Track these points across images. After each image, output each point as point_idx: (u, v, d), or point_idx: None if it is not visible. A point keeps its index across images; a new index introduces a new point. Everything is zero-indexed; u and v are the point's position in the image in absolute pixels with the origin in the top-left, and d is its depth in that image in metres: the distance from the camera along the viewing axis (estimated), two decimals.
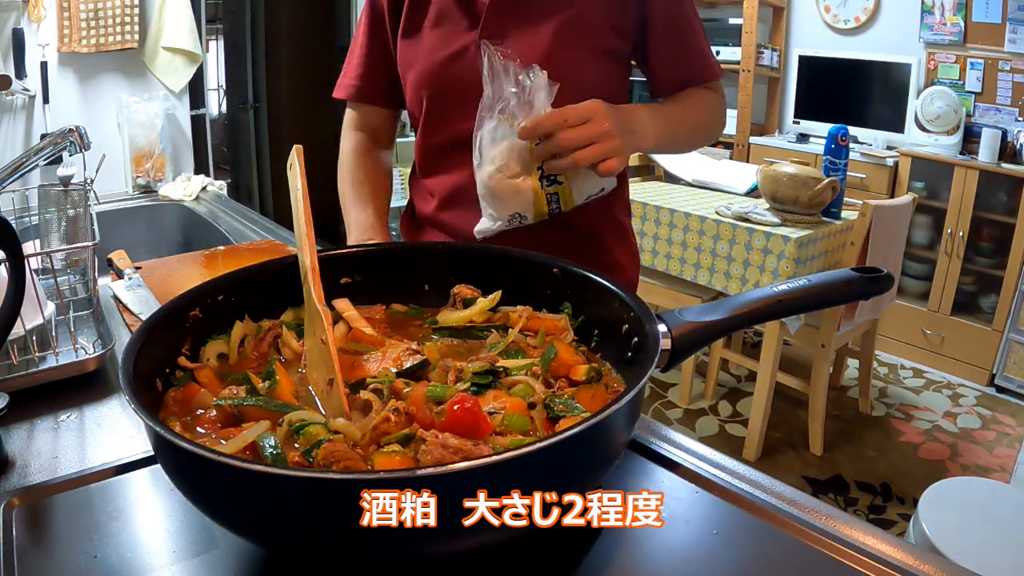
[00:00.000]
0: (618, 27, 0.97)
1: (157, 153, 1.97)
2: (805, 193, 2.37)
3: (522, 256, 0.80)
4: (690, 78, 1.04)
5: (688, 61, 1.03)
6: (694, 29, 1.01)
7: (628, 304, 0.67)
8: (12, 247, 0.66)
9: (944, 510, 1.50)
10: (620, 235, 1.11)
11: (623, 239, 1.11)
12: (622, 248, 1.11)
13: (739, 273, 2.46)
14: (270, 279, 0.76)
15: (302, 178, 0.68)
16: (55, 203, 1.19)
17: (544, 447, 0.46)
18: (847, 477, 2.52)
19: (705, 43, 1.04)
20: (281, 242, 1.45)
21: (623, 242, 1.11)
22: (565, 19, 0.94)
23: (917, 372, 3.39)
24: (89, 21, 1.95)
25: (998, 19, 3.22)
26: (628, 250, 1.12)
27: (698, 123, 1.05)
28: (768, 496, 0.65)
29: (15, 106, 1.94)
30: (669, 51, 1.01)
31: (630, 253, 1.13)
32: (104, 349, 0.89)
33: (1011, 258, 3.10)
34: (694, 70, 1.04)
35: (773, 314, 0.69)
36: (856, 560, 0.58)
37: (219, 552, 0.58)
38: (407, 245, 0.99)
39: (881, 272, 0.71)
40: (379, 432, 0.56)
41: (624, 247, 1.11)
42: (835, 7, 3.85)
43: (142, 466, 0.69)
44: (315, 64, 4.61)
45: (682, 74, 1.03)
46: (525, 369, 0.65)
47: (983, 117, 3.34)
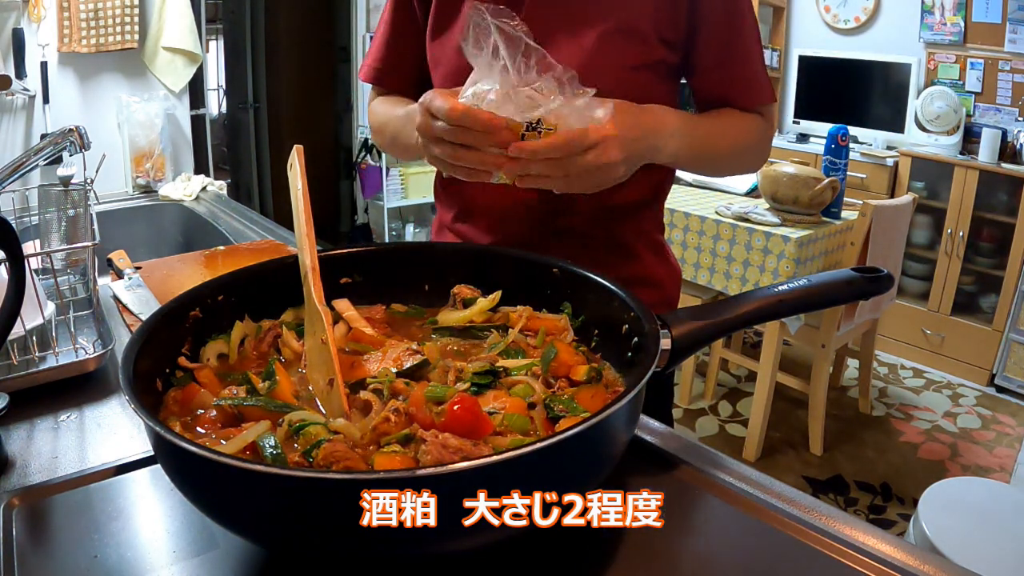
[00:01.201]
0: (668, 36, 0.88)
1: (157, 153, 1.97)
2: (805, 193, 2.37)
3: (522, 256, 0.80)
4: (738, 99, 0.93)
5: (737, 81, 0.92)
6: (748, 46, 0.91)
7: (628, 304, 0.67)
8: (12, 247, 0.66)
9: (944, 510, 1.50)
10: (656, 250, 1.03)
11: (660, 254, 1.04)
12: (658, 263, 1.03)
13: (739, 273, 2.46)
14: (270, 279, 0.76)
15: (302, 178, 0.68)
16: (55, 203, 1.19)
17: (544, 447, 0.46)
18: (847, 477, 2.52)
19: (760, 62, 0.93)
20: (281, 242, 1.45)
21: (660, 256, 1.03)
22: (611, 24, 0.86)
23: (917, 372, 3.39)
24: (89, 21, 1.95)
25: (998, 19, 3.22)
26: (666, 266, 1.05)
27: (736, 146, 0.94)
28: (768, 496, 0.65)
29: (15, 106, 1.94)
30: (718, 66, 0.91)
31: (669, 269, 1.05)
32: (104, 349, 0.89)
33: (1011, 258, 3.10)
34: (743, 90, 0.93)
35: (773, 314, 0.69)
36: (856, 560, 0.58)
37: (219, 552, 0.58)
38: (407, 245, 1.00)
39: (881, 272, 0.71)
40: (379, 432, 0.56)
41: (661, 262, 1.03)
42: (835, 7, 3.85)
43: (142, 466, 0.69)
44: (315, 64, 4.61)
45: (730, 93, 0.93)
46: (525, 369, 0.65)
47: (983, 117, 3.34)
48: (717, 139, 0.92)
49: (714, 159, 0.94)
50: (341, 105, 4.63)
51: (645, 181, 0.94)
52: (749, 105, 0.94)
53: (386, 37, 1.01)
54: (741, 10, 0.90)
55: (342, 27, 4.36)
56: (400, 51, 1.01)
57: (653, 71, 0.89)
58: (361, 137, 4.21)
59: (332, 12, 4.47)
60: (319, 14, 4.50)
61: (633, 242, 0.99)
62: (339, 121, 4.74)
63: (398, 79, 1.03)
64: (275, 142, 4.57)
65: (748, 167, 1.01)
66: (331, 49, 4.59)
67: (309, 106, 4.61)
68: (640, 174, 0.85)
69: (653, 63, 0.89)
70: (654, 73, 0.89)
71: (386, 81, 1.04)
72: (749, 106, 0.94)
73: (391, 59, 1.02)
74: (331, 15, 4.48)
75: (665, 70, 0.91)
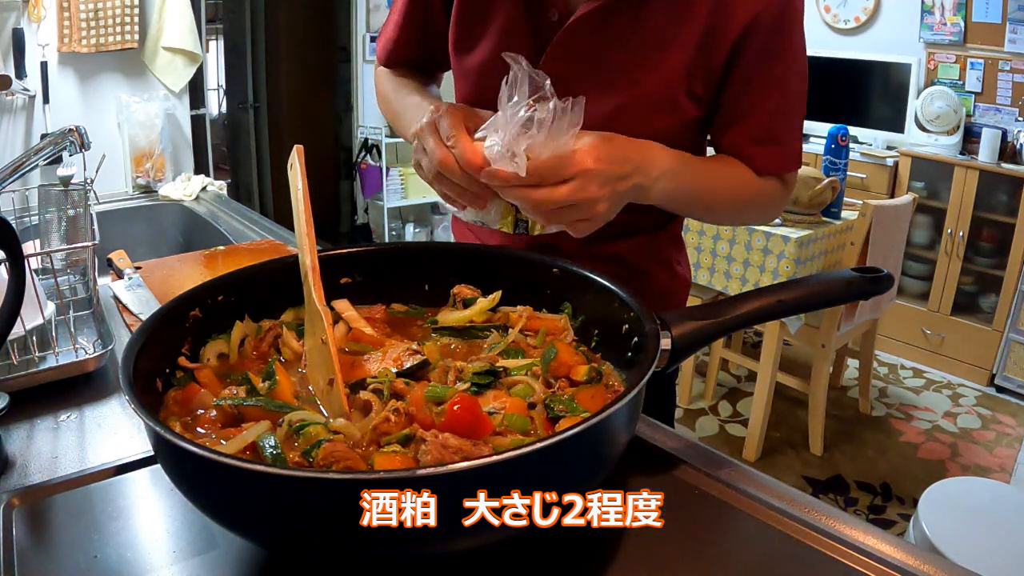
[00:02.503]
0: (698, 92, 0.82)
1: (157, 153, 1.97)
2: (805, 193, 2.37)
3: (522, 256, 0.80)
4: (758, 161, 0.84)
5: (764, 142, 0.83)
6: (790, 106, 0.83)
7: (628, 304, 0.67)
8: (12, 247, 0.66)
9: (944, 510, 1.50)
10: (667, 265, 0.99)
11: (670, 269, 0.99)
12: (668, 278, 0.99)
13: (739, 273, 2.46)
14: (270, 279, 0.76)
15: (302, 178, 0.68)
16: (55, 203, 1.19)
17: (544, 447, 0.46)
18: (847, 477, 2.52)
19: (798, 128, 0.85)
20: (281, 242, 1.45)
21: (670, 272, 1.00)
22: (637, 92, 0.79)
23: (917, 372, 3.39)
24: (89, 21, 1.95)
25: (998, 19, 3.22)
26: (675, 280, 1.01)
27: (739, 201, 0.85)
28: (768, 496, 0.65)
29: (15, 106, 1.94)
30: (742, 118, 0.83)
31: (678, 283, 1.01)
32: (104, 349, 0.89)
33: (1011, 258, 3.10)
34: (763, 156, 0.83)
35: (773, 314, 0.69)
36: (856, 560, 0.58)
37: (219, 552, 0.58)
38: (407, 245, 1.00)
39: (881, 272, 0.71)
40: (379, 432, 0.56)
41: (671, 277, 1.00)
42: (835, 7, 3.85)
43: (142, 466, 0.69)
44: (315, 64, 4.61)
45: (754, 154, 0.84)
46: (525, 369, 0.65)
47: (983, 117, 3.34)
48: (716, 188, 0.84)
49: (711, 209, 0.86)
50: (341, 105, 4.63)
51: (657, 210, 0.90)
52: (767, 172, 0.85)
53: (399, 21, 0.96)
54: (789, 63, 0.81)
55: (342, 27, 4.36)
56: (412, 37, 0.97)
57: (675, 129, 0.82)
58: (361, 137, 4.21)
59: (332, 12, 4.47)
60: (319, 14, 4.50)
61: (644, 261, 0.95)
62: (339, 121, 4.74)
63: (408, 63, 1.00)
64: (275, 142, 4.57)
65: (752, 222, 0.93)
66: (331, 49, 4.59)
67: (309, 106, 4.61)
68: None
69: (676, 122, 0.83)
70: (678, 130, 0.83)
71: (397, 64, 1.00)
72: (767, 173, 0.85)
73: (403, 44, 0.97)
74: (331, 15, 4.48)
75: (689, 126, 0.85)
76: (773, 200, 0.88)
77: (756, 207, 0.89)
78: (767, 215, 0.93)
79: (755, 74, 0.80)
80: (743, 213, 0.90)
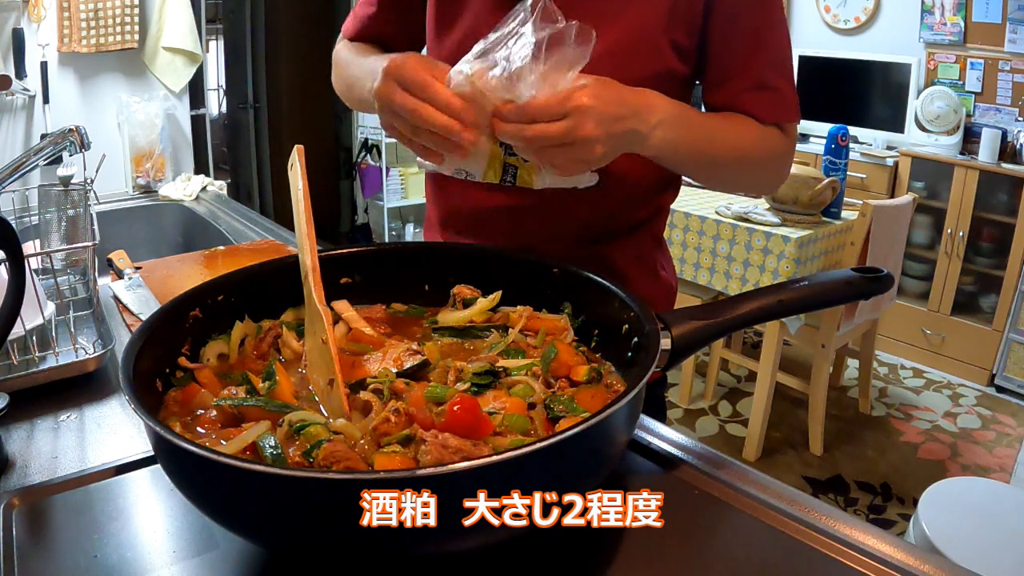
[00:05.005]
0: (681, 41, 0.82)
1: (157, 153, 1.97)
2: (805, 193, 2.37)
3: (522, 256, 0.80)
4: (755, 108, 0.83)
5: (758, 89, 0.83)
6: (775, 52, 0.83)
7: (628, 304, 0.67)
8: (12, 247, 0.66)
9: (944, 510, 1.50)
10: (650, 270, 0.97)
11: (653, 274, 0.97)
12: (651, 284, 0.97)
13: (739, 273, 2.47)
14: (270, 279, 0.76)
15: (303, 178, 0.68)
16: (55, 203, 1.19)
17: (544, 447, 0.46)
18: (847, 477, 2.52)
19: (788, 73, 0.85)
20: (281, 242, 1.45)
21: (653, 277, 0.97)
22: (616, 34, 0.79)
23: (917, 372, 3.39)
24: (89, 21, 1.95)
25: (998, 19, 3.22)
26: (658, 286, 0.98)
27: (742, 154, 0.83)
28: (768, 496, 0.65)
29: (15, 106, 1.94)
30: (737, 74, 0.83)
31: (661, 288, 0.99)
32: (104, 349, 0.89)
33: (1011, 258, 3.10)
34: (763, 101, 0.83)
35: (773, 314, 0.69)
36: (856, 560, 0.58)
37: (219, 552, 0.58)
38: (407, 245, 0.99)
39: (881, 272, 0.71)
40: (379, 432, 0.56)
41: (653, 283, 0.97)
42: (835, 7, 3.85)
43: (142, 466, 0.69)
44: (315, 64, 4.60)
45: (748, 103, 0.83)
46: (525, 369, 0.65)
47: (983, 117, 3.34)
48: (718, 140, 0.81)
49: (713, 163, 0.83)
50: (341, 105, 4.57)
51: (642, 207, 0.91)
52: (768, 118, 0.84)
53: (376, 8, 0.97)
54: (770, 12, 0.82)
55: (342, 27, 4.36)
56: (392, 12, 0.97)
57: (661, 83, 0.79)
58: (361, 137, 4.21)
59: (332, 12, 4.47)
60: (319, 14, 4.51)
61: (626, 265, 0.93)
62: (339, 121, 4.74)
63: (378, 41, 1.00)
64: (275, 142, 4.58)
65: (759, 182, 0.91)
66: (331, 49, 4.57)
67: (309, 106, 4.61)
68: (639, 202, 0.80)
69: (661, 73, 0.82)
70: (663, 85, 0.80)
71: (367, 37, 1.01)
72: (768, 119, 0.84)
73: (381, 18, 0.98)
74: (331, 15, 4.48)
75: (676, 82, 0.84)
76: (777, 152, 0.86)
77: (759, 160, 0.86)
78: (772, 171, 0.90)
79: (737, 22, 0.81)
80: (747, 167, 0.86)
